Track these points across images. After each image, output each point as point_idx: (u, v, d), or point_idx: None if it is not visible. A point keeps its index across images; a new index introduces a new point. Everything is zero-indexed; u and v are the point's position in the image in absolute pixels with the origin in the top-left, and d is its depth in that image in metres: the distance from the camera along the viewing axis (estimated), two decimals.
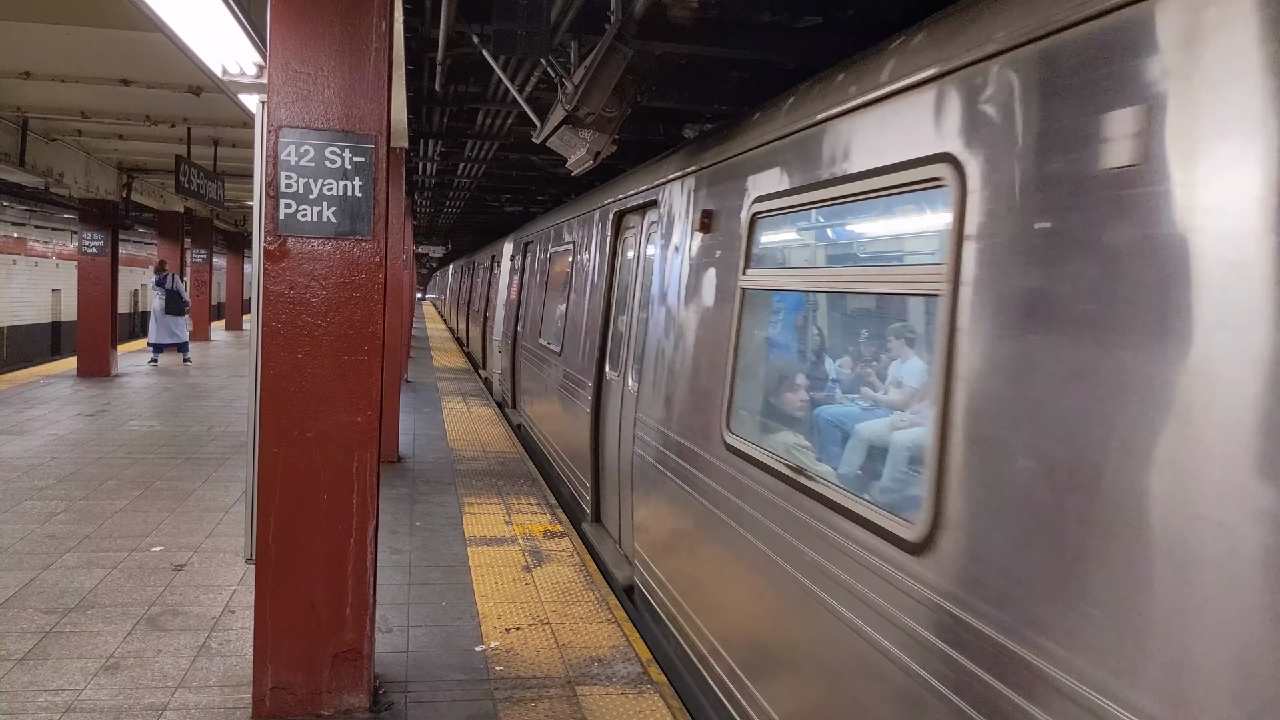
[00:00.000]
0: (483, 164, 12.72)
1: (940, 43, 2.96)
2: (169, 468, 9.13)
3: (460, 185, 16.20)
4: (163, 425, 11.54)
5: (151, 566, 6.19)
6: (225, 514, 7.54)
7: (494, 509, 8.17)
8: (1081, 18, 2.23)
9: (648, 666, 5.01)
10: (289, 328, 4.12)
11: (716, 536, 4.52)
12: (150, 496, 8.00)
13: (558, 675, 4.85)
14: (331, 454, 4.17)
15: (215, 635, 5.12)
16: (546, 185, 15.29)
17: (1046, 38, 2.36)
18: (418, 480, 9.20)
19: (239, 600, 5.62)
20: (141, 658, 4.79)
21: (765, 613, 3.90)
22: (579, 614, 5.72)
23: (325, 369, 4.15)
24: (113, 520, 7.22)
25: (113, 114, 11.15)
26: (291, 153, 4.06)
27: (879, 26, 4.67)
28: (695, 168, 5.49)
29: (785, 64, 6.02)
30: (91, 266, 16.12)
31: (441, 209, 23.44)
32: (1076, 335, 2.16)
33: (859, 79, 3.54)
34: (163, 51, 7.30)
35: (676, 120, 8.23)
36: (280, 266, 4.10)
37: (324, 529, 4.19)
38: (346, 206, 4.12)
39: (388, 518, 7.48)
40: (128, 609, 5.43)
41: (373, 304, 4.18)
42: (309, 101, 4.07)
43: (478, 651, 5.10)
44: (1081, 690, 2.02)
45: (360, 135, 4.11)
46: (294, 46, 4.04)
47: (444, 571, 6.42)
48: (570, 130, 5.35)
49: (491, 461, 10.33)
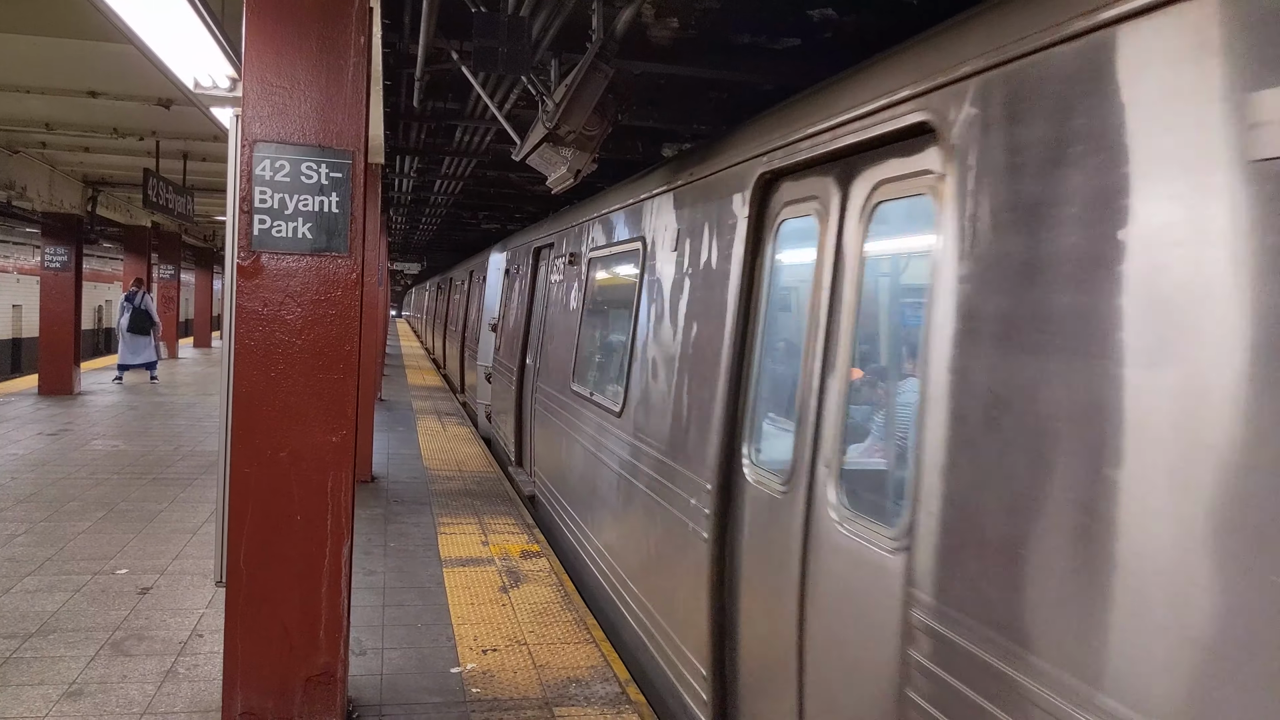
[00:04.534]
0: (460, 181, 12.67)
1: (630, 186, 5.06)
2: (134, 488, 8.94)
3: (437, 202, 16.14)
4: (128, 445, 11.32)
5: (116, 590, 6.04)
6: (193, 535, 7.39)
7: (470, 529, 8.07)
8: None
9: (626, 687, 4.94)
10: (262, 345, 4.04)
11: (566, 441, 7.47)
12: (115, 518, 7.82)
13: (535, 696, 4.77)
14: (305, 474, 4.09)
15: (183, 660, 4.99)
16: (524, 203, 15.26)
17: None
18: (392, 500, 9.08)
19: (207, 624, 5.49)
20: (106, 684, 4.66)
21: (583, 468, 6.80)
22: (556, 634, 5.64)
23: (299, 387, 4.07)
24: (76, 542, 7.04)
25: (79, 126, 10.98)
26: (266, 167, 4.00)
27: (857, 49, 4.71)
28: (584, 218, 7.97)
29: (763, 85, 6.05)
30: (54, 282, 15.86)
31: (417, 226, 23.34)
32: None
33: (616, 193, 6.93)
34: (132, 63, 7.20)
35: (656, 139, 8.24)
36: (254, 283, 4.03)
37: (297, 550, 4.10)
38: (323, 222, 4.06)
39: (362, 538, 7.36)
40: (91, 633, 5.29)
41: (348, 321, 4.12)
42: (285, 115, 4.01)
43: (454, 673, 5.01)
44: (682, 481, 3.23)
45: (338, 150, 4.06)
46: (270, 60, 3.98)
47: (419, 593, 6.32)
48: (551, 148, 5.32)
49: (468, 481, 10.22)
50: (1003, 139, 2.36)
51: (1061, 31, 2.20)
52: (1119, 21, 2.05)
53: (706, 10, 5.09)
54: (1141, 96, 1.99)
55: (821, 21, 5.11)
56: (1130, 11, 2.01)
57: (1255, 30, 1.74)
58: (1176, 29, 1.91)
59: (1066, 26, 2.18)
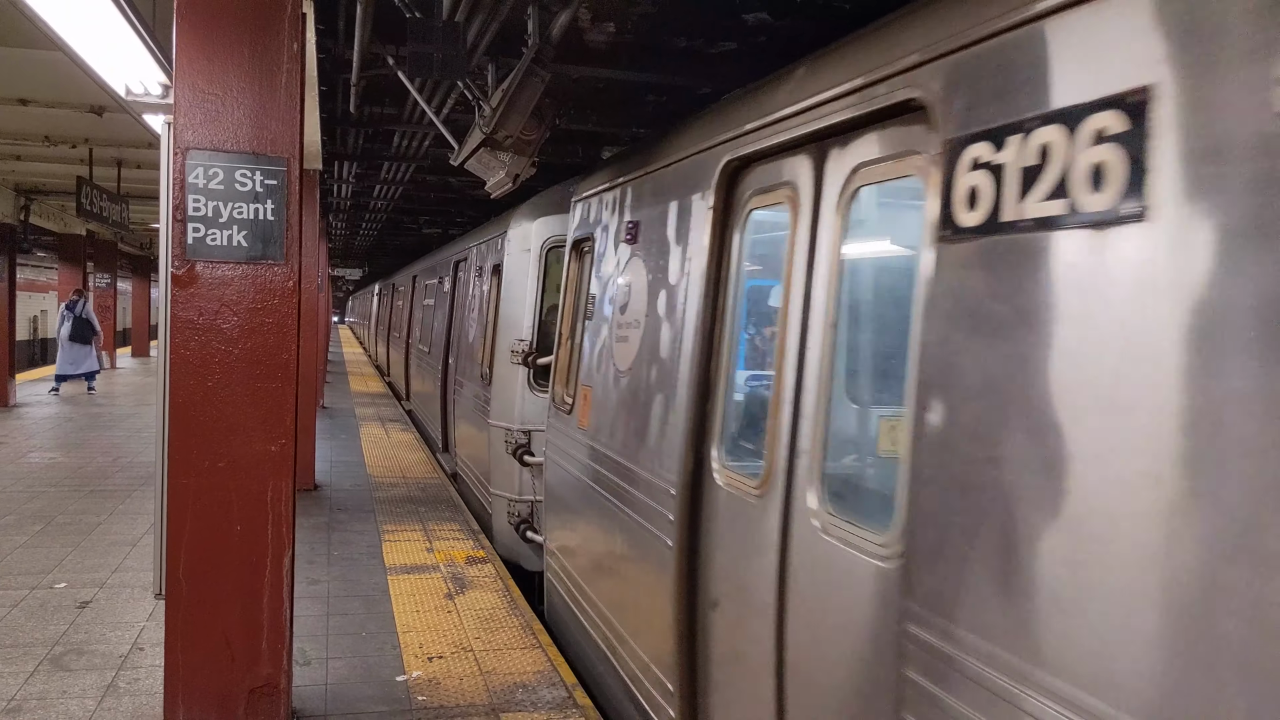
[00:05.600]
0: (400, 186, 12.60)
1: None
2: (72, 501, 8.76)
3: (377, 207, 16.01)
4: (65, 457, 11.08)
5: (54, 604, 5.92)
6: (133, 548, 7.26)
7: (415, 536, 8.04)
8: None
9: (573, 690, 4.97)
10: (199, 355, 4.01)
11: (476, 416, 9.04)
12: (52, 531, 7.66)
13: (481, 703, 4.78)
14: (244, 484, 4.06)
15: (123, 674, 4.92)
16: (465, 207, 15.20)
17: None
18: (335, 508, 9.00)
19: (148, 637, 5.42)
20: (45, 700, 4.58)
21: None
22: (503, 640, 5.65)
23: (237, 397, 4.04)
24: (12, 557, 6.89)
25: (9, 134, 10.74)
26: (200, 175, 3.96)
27: (791, 51, 4.79)
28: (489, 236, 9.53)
29: (700, 88, 6.12)
30: None
31: (358, 231, 23.08)
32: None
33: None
34: (63, 70, 7.06)
35: (595, 142, 8.28)
36: (189, 292, 3.99)
37: (237, 561, 4.07)
38: (258, 230, 4.04)
39: (305, 547, 7.30)
40: (29, 649, 5.19)
41: (286, 330, 4.10)
42: (218, 123, 3.98)
43: (399, 681, 5.00)
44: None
45: (272, 157, 4.04)
46: (201, 66, 3.95)
47: (364, 601, 6.28)
48: (489, 153, 5.34)
49: (412, 488, 10.16)
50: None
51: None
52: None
53: (643, 15, 5.14)
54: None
55: (756, 25, 5.19)
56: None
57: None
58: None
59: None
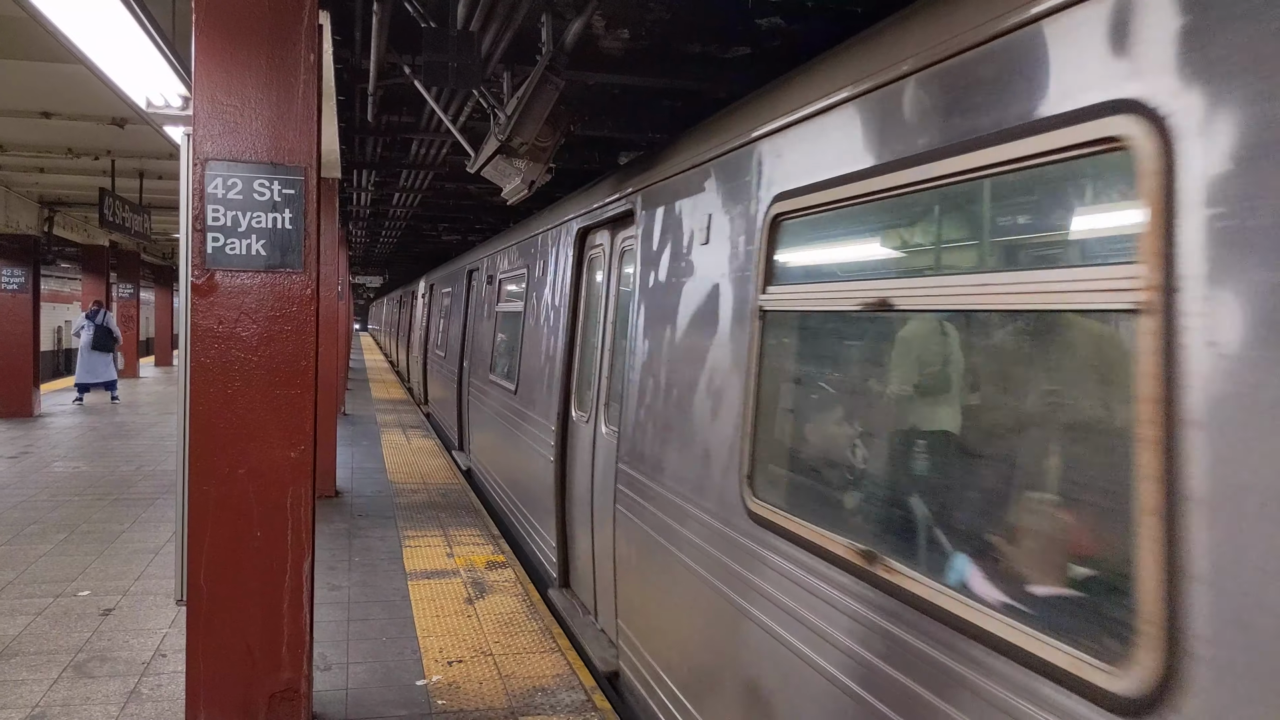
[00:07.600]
0: (418, 193, 12.65)
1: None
2: (95, 509, 8.85)
3: (396, 215, 16.09)
4: (89, 466, 11.19)
5: (78, 611, 5.99)
6: (155, 555, 7.33)
7: (435, 541, 8.07)
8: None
9: (592, 694, 4.98)
10: (218, 363, 4.05)
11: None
12: (76, 540, 7.75)
13: (501, 706, 4.79)
14: (264, 490, 4.10)
15: (146, 680, 4.97)
16: (484, 214, 15.26)
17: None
18: (356, 515, 9.05)
19: (170, 643, 5.46)
20: (69, 706, 4.63)
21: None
22: (522, 644, 5.67)
23: (256, 404, 4.08)
24: (37, 565, 6.97)
25: (33, 147, 10.87)
26: (219, 185, 4.01)
27: (805, 56, 4.79)
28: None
29: (715, 93, 6.13)
30: (12, 304, 15.67)
31: (378, 239, 23.18)
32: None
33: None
34: (85, 83, 7.15)
35: (611, 148, 8.30)
36: (209, 301, 4.04)
37: (257, 567, 4.11)
38: (276, 239, 4.08)
39: (325, 554, 7.34)
40: (54, 656, 5.25)
41: (305, 337, 4.13)
42: (236, 134, 4.02)
43: (419, 686, 5.03)
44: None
45: (290, 167, 4.08)
46: (219, 78, 4.00)
47: (384, 606, 6.31)
48: (504, 160, 5.36)
49: (432, 494, 10.20)
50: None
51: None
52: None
53: (657, 21, 5.16)
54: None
55: (770, 30, 5.20)
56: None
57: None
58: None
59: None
